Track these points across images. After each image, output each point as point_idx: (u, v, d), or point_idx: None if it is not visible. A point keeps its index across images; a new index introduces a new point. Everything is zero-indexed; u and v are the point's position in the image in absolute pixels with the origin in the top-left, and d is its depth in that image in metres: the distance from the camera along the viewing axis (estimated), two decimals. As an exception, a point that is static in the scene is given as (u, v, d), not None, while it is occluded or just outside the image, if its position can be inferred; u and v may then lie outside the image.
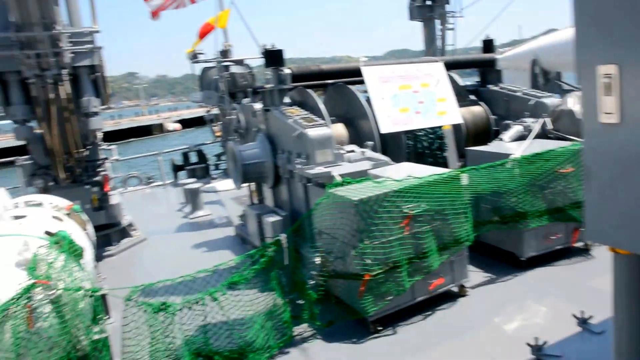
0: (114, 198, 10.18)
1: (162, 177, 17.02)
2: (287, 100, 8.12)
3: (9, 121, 9.39)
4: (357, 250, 5.46)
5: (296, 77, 7.93)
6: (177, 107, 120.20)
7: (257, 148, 7.82)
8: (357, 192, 5.54)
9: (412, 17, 14.98)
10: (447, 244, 5.94)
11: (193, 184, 12.85)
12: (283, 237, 5.50)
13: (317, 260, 6.20)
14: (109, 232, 10.01)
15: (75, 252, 5.10)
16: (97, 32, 8.98)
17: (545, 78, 10.87)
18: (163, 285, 5.02)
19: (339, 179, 5.90)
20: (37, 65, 8.55)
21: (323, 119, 7.25)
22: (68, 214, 6.49)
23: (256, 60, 17.81)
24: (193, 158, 17.17)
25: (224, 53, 17.04)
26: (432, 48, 14.68)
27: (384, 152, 7.62)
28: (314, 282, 5.98)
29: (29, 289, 4.13)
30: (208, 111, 17.61)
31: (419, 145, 8.29)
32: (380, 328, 5.72)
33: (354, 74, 8.40)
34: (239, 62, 17.39)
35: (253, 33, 16.43)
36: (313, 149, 6.59)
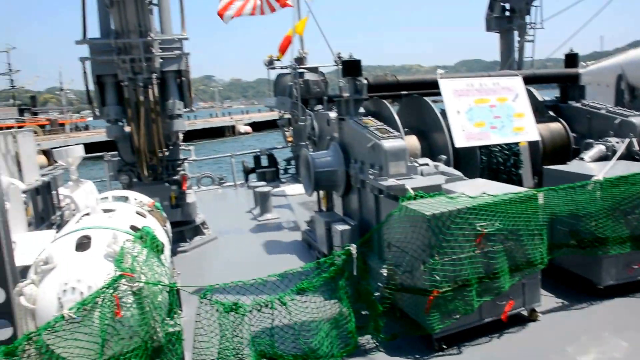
0: (190, 197, 10.51)
1: (234, 179, 17.40)
2: (361, 110, 8.13)
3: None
4: (427, 265, 5.37)
5: (372, 87, 7.91)
6: (248, 110, 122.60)
7: (330, 156, 7.85)
8: (430, 206, 5.45)
9: (489, 28, 14.68)
10: (519, 265, 5.76)
11: (264, 187, 13.05)
12: (353, 247, 5.47)
13: (384, 272, 6.16)
14: (183, 229, 10.35)
15: (156, 248, 5.27)
16: (185, 39, 9.45)
17: (632, 95, 10.32)
18: (234, 286, 5.10)
19: (412, 192, 5.82)
20: (131, 69, 9.10)
21: (398, 130, 7.19)
22: (150, 211, 6.74)
23: (328, 67, 18.00)
24: (264, 161, 17.47)
25: (299, 60, 17.28)
26: (509, 60, 14.30)
27: (457, 167, 7.48)
28: (379, 294, 5.94)
29: (116, 280, 4.31)
30: (281, 116, 17.84)
31: (493, 161, 8.08)
32: (445, 347, 5.60)
33: (429, 86, 8.30)
34: (313, 70, 17.60)
35: (328, 41, 16.52)
36: (387, 161, 6.54)
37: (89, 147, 13.49)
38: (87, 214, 6.07)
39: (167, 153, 9.77)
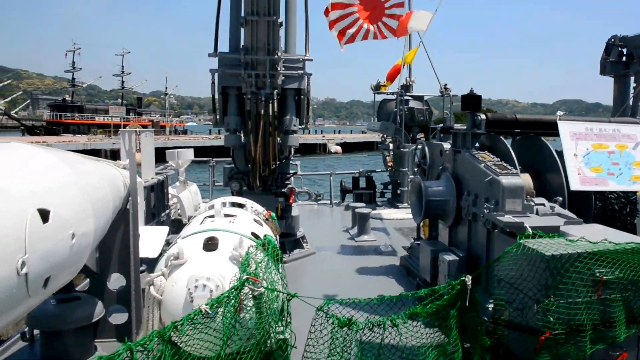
0: (295, 210, 10.86)
1: (331, 197, 17.74)
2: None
3: (194, 123, 10.56)
4: (541, 305, 5.36)
5: (489, 122, 7.96)
6: (340, 130, 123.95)
7: (442, 186, 7.94)
8: (549, 247, 5.44)
9: (604, 71, 14.22)
10: (637, 317, 5.61)
11: (364, 208, 13.25)
12: (469, 278, 5.54)
13: (491, 307, 6.16)
14: (284, 241, 10.68)
15: (276, 257, 5.54)
16: (309, 60, 9.83)
17: None
18: (349, 302, 5.25)
19: (530, 231, 5.84)
20: (255, 83, 9.59)
21: (515, 167, 7.20)
22: (266, 220, 7.05)
23: (433, 96, 18.11)
24: (362, 183, 17.71)
25: (405, 87, 17.46)
26: (623, 106, 13.79)
27: (571, 210, 7.36)
28: (482, 327, 5.94)
29: (243, 283, 4.53)
30: (383, 141, 18.07)
31: (608, 208, 7.90)
32: (553, 390, 5.52)
33: (546, 126, 8.26)
34: (419, 98, 17.75)
35: (436, 72, 16.65)
36: (504, 197, 6.56)
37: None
38: (210, 217, 6.41)
39: (278, 166, 10.18)
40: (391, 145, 17.68)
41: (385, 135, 17.60)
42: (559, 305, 5.34)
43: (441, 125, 17.19)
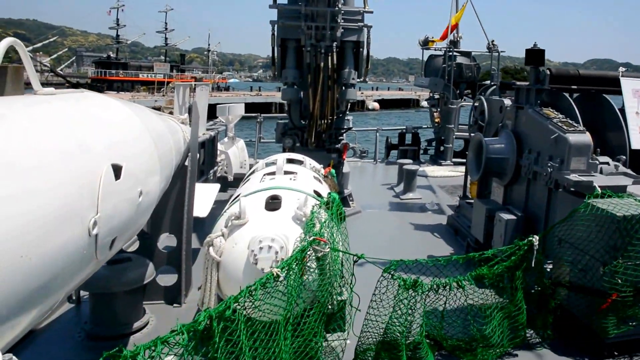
0: (345, 167, 10.70)
1: (375, 154, 17.50)
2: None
3: (236, 80, 10.38)
4: (609, 267, 5.14)
5: (552, 78, 7.58)
6: (378, 87, 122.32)
7: (503, 143, 7.67)
8: (619, 207, 5.19)
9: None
10: None
11: (411, 165, 13.01)
12: (536, 238, 5.33)
13: (549, 268, 5.95)
14: (332, 199, 10.57)
15: (340, 216, 5.33)
16: (370, 12, 9.56)
17: None
18: (415, 264, 5.04)
19: (599, 190, 5.56)
20: (314, 36, 9.41)
21: (579, 124, 6.86)
22: (326, 177, 6.86)
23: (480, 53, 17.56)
24: (408, 139, 17.44)
25: (453, 44, 16.92)
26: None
27: (631, 169, 7.03)
28: (548, 289, 5.76)
29: (311, 244, 4.29)
30: (431, 97, 17.65)
31: (672, 168, 7.51)
32: (617, 354, 5.35)
33: (609, 83, 7.85)
34: (466, 54, 17.19)
35: (484, 27, 16.06)
36: (570, 155, 6.29)
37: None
38: (270, 174, 6.15)
39: (335, 120, 10.04)
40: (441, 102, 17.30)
41: (433, 92, 17.17)
42: (627, 267, 5.13)
43: (490, 82, 16.73)
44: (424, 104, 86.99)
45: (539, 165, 6.89)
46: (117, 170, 3.24)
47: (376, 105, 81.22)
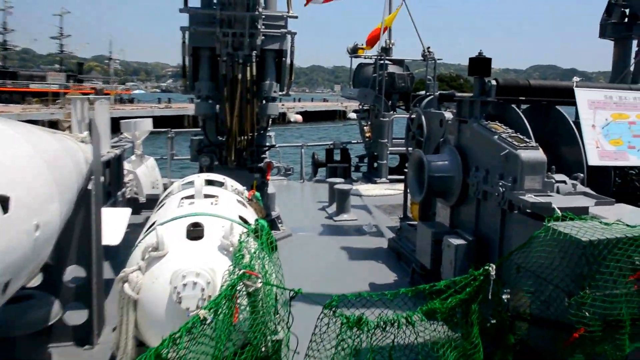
0: (270, 187, 10.37)
1: (302, 171, 17.26)
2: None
3: (141, 91, 9.96)
4: (575, 298, 5.01)
5: (500, 89, 7.55)
6: (300, 98, 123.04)
7: (447, 160, 7.54)
8: (584, 231, 5.07)
9: (604, 34, 14.04)
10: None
11: (344, 184, 12.82)
12: (492, 267, 5.15)
13: (506, 298, 5.81)
14: (260, 222, 10.20)
15: (271, 245, 5.04)
16: (294, 17, 9.34)
17: None
18: (359, 298, 4.81)
19: (559, 212, 5.46)
20: (231, 44, 9.07)
21: (531, 139, 6.82)
22: (250, 200, 6.54)
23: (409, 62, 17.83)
24: (336, 156, 17.31)
25: (385, 51, 17.02)
26: (624, 72, 13.61)
27: (591, 188, 7.06)
28: (493, 321, 5.60)
29: (241, 278, 4.04)
30: (360, 109, 17.66)
31: (630, 185, 7.64)
32: (584, 391, 5.21)
33: (562, 94, 7.90)
34: (399, 63, 17.34)
35: (419, 33, 16.27)
36: (523, 174, 6.18)
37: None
38: (188, 198, 5.88)
39: (255, 137, 9.75)
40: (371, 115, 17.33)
41: (363, 104, 17.15)
42: (595, 298, 5.00)
43: (426, 93, 16.87)
44: (352, 115, 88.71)
45: (489, 184, 6.78)
46: (3, 202, 3.00)
47: (299, 117, 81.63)
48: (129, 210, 7.41)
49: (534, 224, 5.78)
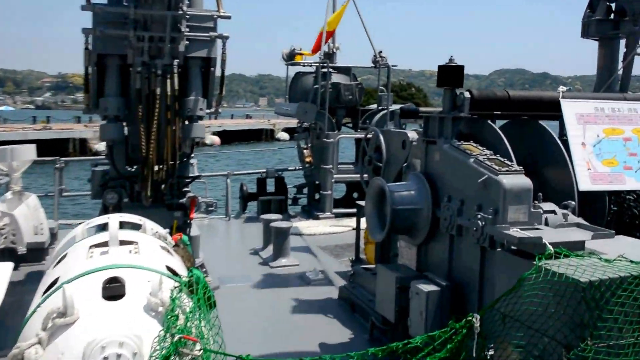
0: (194, 229, 10.36)
1: (227, 207, 17.29)
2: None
3: (9, 108, 9.83)
4: (575, 352, 5.25)
5: (475, 103, 7.88)
6: (217, 115, 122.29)
7: (412, 190, 7.77)
8: (582, 270, 5.35)
9: (587, 33, 14.77)
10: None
11: (280, 221, 12.91)
12: (477, 317, 5.36)
13: (490, 353, 6.01)
14: (181, 273, 10.17)
15: (208, 301, 5.09)
16: (227, 17, 9.40)
17: None
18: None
19: (551, 249, 5.74)
20: (147, 51, 9.11)
21: (512, 161, 7.13)
22: (176, 246, 6.56)
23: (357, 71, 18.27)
24: (270, 186, 17.44)
25: (329, 57, 17.34)
26: (612, 77, 14.32)
27: (583, 218, 7.42)
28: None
29: (176, 346, 4.08)
30: (299, 128, 17.84)
31: (627, 213, 8.06)
32: None
33: (547, 107, 8.32)
34: (346, 71, 17.69)
35: (369, 35, 16.71)
36: (506, 203, 6.45)
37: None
38: (100, 245, 5.85)
39: (178, 166, 9.79)
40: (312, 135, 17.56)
41: (301, 121, 17.35)
42: (599, 351, 5.25)
43: (378, 107, 17.27)
44: (282, 135, 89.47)
45: (465, 216, 7.03)
46: None
47: (216, 139, 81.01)
48: (9, 265, 7.21)
49: (521, 263, 6.03)
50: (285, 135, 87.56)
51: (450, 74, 7.66)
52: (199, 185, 15.31)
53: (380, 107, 17.28)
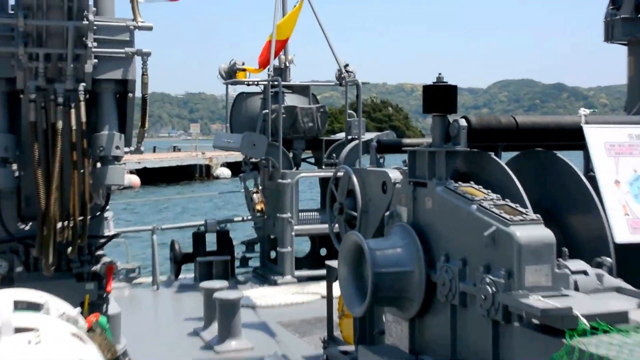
0: (113, 304, 10.23)
1: (154, 271, 17.11)
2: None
3: None
4: None
5: (474, 132, 7.91)
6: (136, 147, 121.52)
7: (399, 247, 7.75)
8: (627, 351, 5.36)
9: (612, 36, 15.04)
10: None
11: (226, 289, 12.80)
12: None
13: None
14: (98, 365, 10.00)
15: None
16: (148, 28, 9.35)
17: None
18: None
19: (585, 323, 5.73)
20: (43, 73, 9.01)
21: (525, 207, 7.15)
22: (91, 331, 6.45)
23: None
24: (210, 242, 17.32)
25: (280, 72, 17.39)
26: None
27: (622, 277, 7.45)
28: None
29: None
30: (246, 164, 17.74)
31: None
32: None
33: (566, 135, 8.37)
34: (302, 91, 17.75)
35: (331, 45, 16.81)
36: (522, 263, 6.44)
37: None
38: None
39: (89, 222, 9.62)
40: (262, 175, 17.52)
41: (248, 157, 17.28)
42: None
43: (347, 136, 17.33)
44: (222, 172, 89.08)
45: (469, 281, 7.00)
46: None
47: (135, 180, 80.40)
48: None
49: (547, 342, 6.00)
50: (225, 172, 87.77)
51: (440, 97, 7.71)
52: (117, 246, 15.14)
53: (349, 137, 17.30)
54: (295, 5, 17.71)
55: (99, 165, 9.56)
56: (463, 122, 7.79)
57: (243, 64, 17.47)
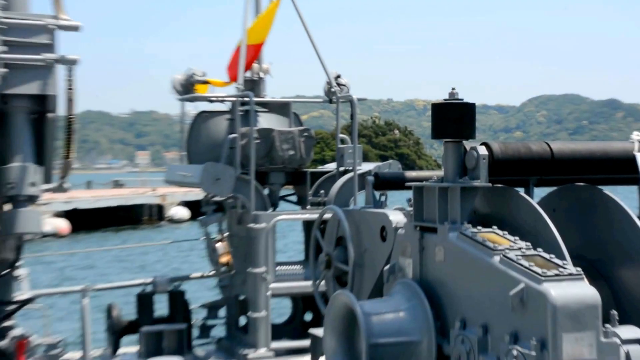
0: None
1: (86, 347, 17.05)
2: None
3: None
4: None
5: (496, 164, 7.99)
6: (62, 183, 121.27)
7: (402, 310, 7.84)
8: None
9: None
10: None
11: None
12: None
13: None
14: None
15: None
16: (74, 28, 9.40)
17: None
18: None
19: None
20: None
21: (563, 258, 7.27)
22: None
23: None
24: (160, 306, 17.31)
25: (251, 86, 17.46)
26: None
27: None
28: None
29: None
30: (208, 205, 17.74)
31: None
32: None
33: (615, 166, 8.49)
34: (282, 109, 17.83)
35: (319, 52, 16.94)
36: (558, 329, 6.56)
37: None
38: None
39: None
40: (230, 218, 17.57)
41: (212, 194, 17.28)
42: None
43: (338, 167, 17.44)
44: (177, 213, 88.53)
45: (492, 353, 7.08)
46: None
47: (62, 226, 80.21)
48: None
49: None
50: (183, 213, 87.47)
51: (454, 118, 7.81)
52: (34, 313, 15.14)
53: (342, 168, 17.29)
54: (271, 1, 17.80)
55: (8, 207, 9.58)
56: (483, 151, 7.86)
57: (204, 74, 17.35)
